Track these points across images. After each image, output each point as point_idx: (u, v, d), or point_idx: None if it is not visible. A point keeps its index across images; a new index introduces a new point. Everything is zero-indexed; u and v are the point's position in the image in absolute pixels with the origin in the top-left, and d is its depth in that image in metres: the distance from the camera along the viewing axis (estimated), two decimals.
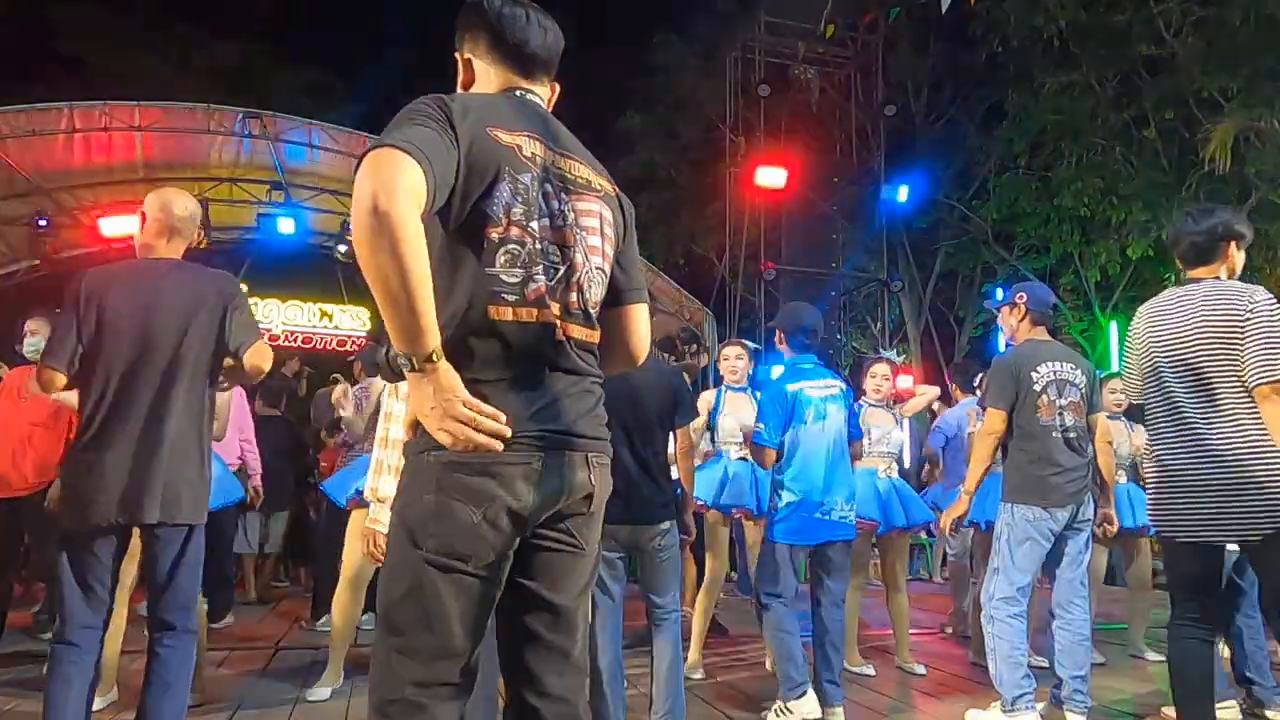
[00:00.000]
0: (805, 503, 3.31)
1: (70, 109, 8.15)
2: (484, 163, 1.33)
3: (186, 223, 2.55)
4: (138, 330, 2.37)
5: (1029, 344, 3.45)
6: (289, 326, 12.11)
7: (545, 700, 1.42)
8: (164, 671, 2.36)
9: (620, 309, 1.59)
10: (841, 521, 3.37)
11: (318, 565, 5.44)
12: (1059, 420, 3.30)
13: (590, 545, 1.48)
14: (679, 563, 3.07)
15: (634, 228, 1.64)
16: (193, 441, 2.41)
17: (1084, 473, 3.32)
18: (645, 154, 15.40)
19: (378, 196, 1.13)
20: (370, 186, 1.14)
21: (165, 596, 2.39)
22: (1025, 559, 3.26)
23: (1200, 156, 9.46)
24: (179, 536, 2.38)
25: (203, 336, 2.43)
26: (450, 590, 1.30)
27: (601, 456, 1.45)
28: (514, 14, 1.52)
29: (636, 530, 2.87)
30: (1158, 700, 3.73)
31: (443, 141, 1.26)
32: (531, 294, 1.36)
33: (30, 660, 3.86)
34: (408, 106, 1.31)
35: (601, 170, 1.57)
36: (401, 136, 1.21)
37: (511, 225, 1.35)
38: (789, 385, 3.40)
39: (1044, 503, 3.24)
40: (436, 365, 1.21)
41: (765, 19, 11.75)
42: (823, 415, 3.39)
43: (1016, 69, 11.63)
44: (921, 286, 14.21)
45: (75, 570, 2.30)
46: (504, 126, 1.38)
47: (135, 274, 2.47)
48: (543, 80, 1.58)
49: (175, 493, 2.34)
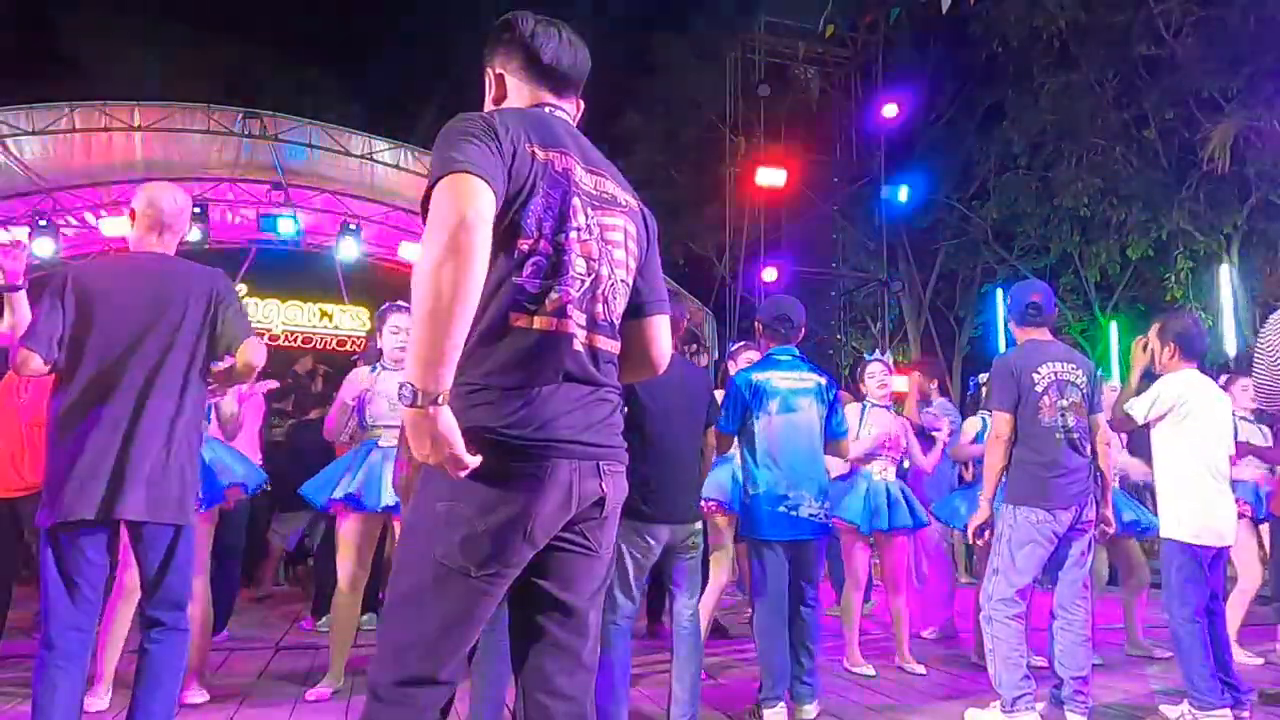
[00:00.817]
0: (769, 495, 3.25)
1: (70, 109, 8.17)
2: (521, 177, 1.38)
3: (176, 218, 2.52)
4: (123, 325, 2.32)
5: (1029, 344, 3.43)
6: (289, 326, 12.12)
7: (554, 699, 1.45)
8: (153, 667, 2.32)
9: (643, 320, 1.62)
10: (810, 519, 3.29)
11: (318, 566, 5.44)
12: (1061, 421, 3.28)
13: (604, 548, 1.51)
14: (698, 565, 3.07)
15: (656, 240, 1.67)
16: (179, 439, 2.35)
17: (1086, 474, 3.31)
18: (645, 154, 15.40)
19: (465, 215, 1.22)
20: (457, 207, 1.23)
21: (154, 596, 2.35)
22: (1026, 561, 3.25)
23: (1200, 156, 9.47)
24: (165, 536, 2.33)
25: (191, 333, 2.38)
26: (454, 593, 1.34)
27: (614, 464, 1.47)
28: (547, 33, 1.56)
29: (676, 530, 2.87)
30: (1157, 700, 3.73)
31: (500, 164, 1.33)
32: (551, 304, 1.39)
33: (30, 660, 3.86)
34: (458, 124, 1.36)
35: (626, 185, 1.61)
36: (470, 160, 1.27)
37: (541, 238, 1.39)
38: (755, 375, 3.36)
39: (1047, 505, 3.22)
40: (439, 410, 1.23)
41: (765, 19, 11.76)
42: (790, 407, 3.32)
43: (1016, 69, 11.63)
44: (921, 286, 14.22)
45: (59, 566, 2.25)
46: (539, 142, 1.42)
47: (123, 268, 2.44)
48: (571, 98, 1.63)
49: (159, 490, 2.28)
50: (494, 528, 1.33)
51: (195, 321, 2.39)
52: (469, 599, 1.35)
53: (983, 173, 13.21)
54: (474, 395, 1.36)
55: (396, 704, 1.34)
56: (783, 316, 3.47)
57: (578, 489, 1.39)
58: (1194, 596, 3.35)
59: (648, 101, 15.63)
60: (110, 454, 2.24)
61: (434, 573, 1.34)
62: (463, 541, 1.33)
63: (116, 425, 2.26)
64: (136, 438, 2.27)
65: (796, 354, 3.49)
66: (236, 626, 4.79)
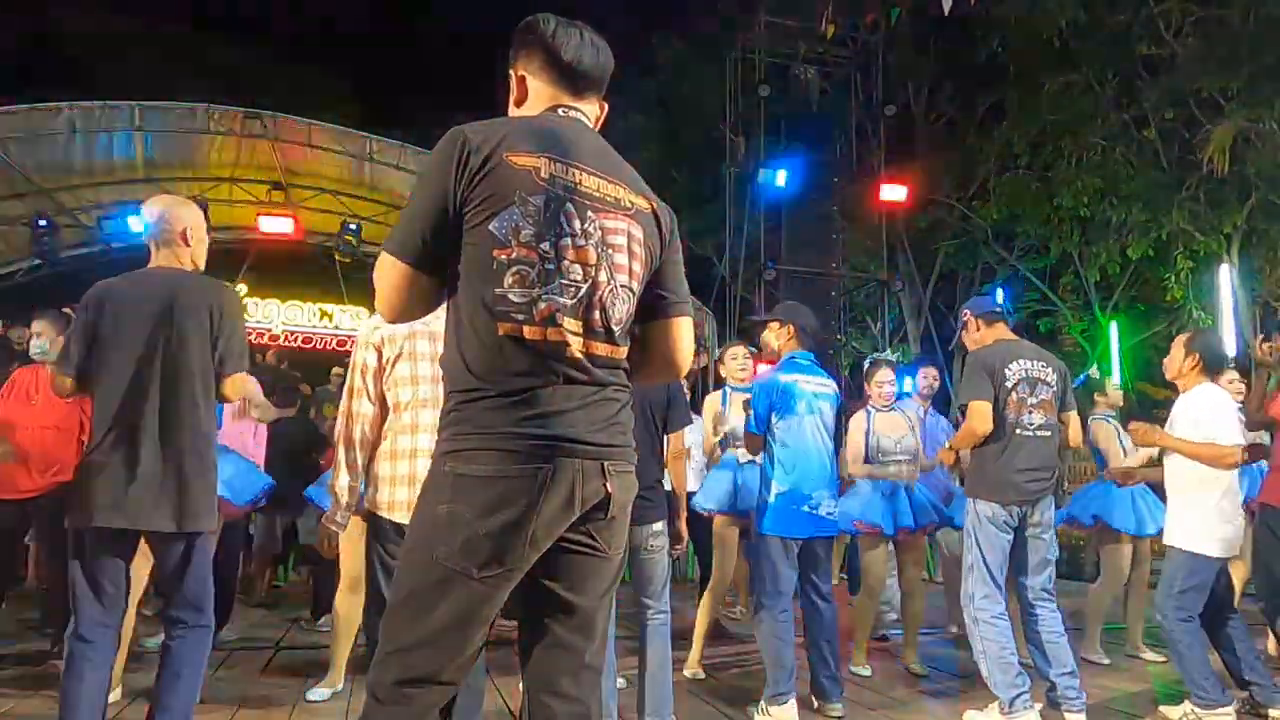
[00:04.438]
0: (794, 494, 3.32)
1: (70, 109, 8.17)
2: (497, 189, 1.38)
3: (179, 233, 2.61)
4: (146, 340, 2.44)
5: (999, 343, 3.52)
6: (289, 326, 12.12)
7: (558, 700, 1.45)
8: (174, 662, 2.45)
9: (662, 322, 1.59)
10: (828, 518, 3.40)
11: (316, 566, 5.43)
12: (1028, 418, 3.34)
13: (614, 549, 1.50)
14: (667, 565, 3.11)
15: (677, 240, 1.64)
16: (201, 449, 2.47)
17: (1049, 474, 3.37)
18: (645, 154, 15.38)
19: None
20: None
21: (175, 598, 2.49)
22: (994, 554, 3.33)
23: (1200, 157, 9.47)
24: (186, 542, 2.46)
25: (202, 347, 2.50)
26: (456, 595, 1.34)
27: (621, 464, 1.46)
28: (568, 33, 1.55)
29: (632, 532, 2.88)
30: (1156, 699, 3.73)
31: (431, 209, 1.40)
32: (540, 313, 1.38)
33: (30, 660, 3.87)
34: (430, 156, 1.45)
35: (639, 187, 1.57)
36: (396, 237, 1.42)
37: (520, 246, 1.38)
38: (782, 377, 3.42)
39: (1001, 499, 3.32)
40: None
41: (765, 19, 11.73)
42: (815, 410, 3.41)
43: (1016, 69, 11.63)
44: (921, 286, 14.20)
45: (86, 571, 2.39)
46: (524, 150, 1.42)
47: (139, 285, 2.54)
48: (591, 98, 1.61)
49: (184, 500, 2.41)
50: (495, 530, 1.33)
51: (204, 335, 2.51)
52: (471, 600, 1.35)
53: (983, 173, 13.21)
54: (470, 402, 1.36)
55: (396, 704, 1.34)
56: (813, 324, 3.60)
57: (581, 490, 1.38)
58: (1194, 604, 3.36)
59: (648, 101, 15.62)
60: (138, 467, 2.38)
61: (436, 574, 1.34)
62: (464, 544, 1.33)
63: (143, 438, 2.40)
64: (163, 450, 2.41)
65: (814, 358, 3.56)
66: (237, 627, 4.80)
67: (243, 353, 2.61)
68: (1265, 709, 3.44)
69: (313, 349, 11.87)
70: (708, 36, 14.01)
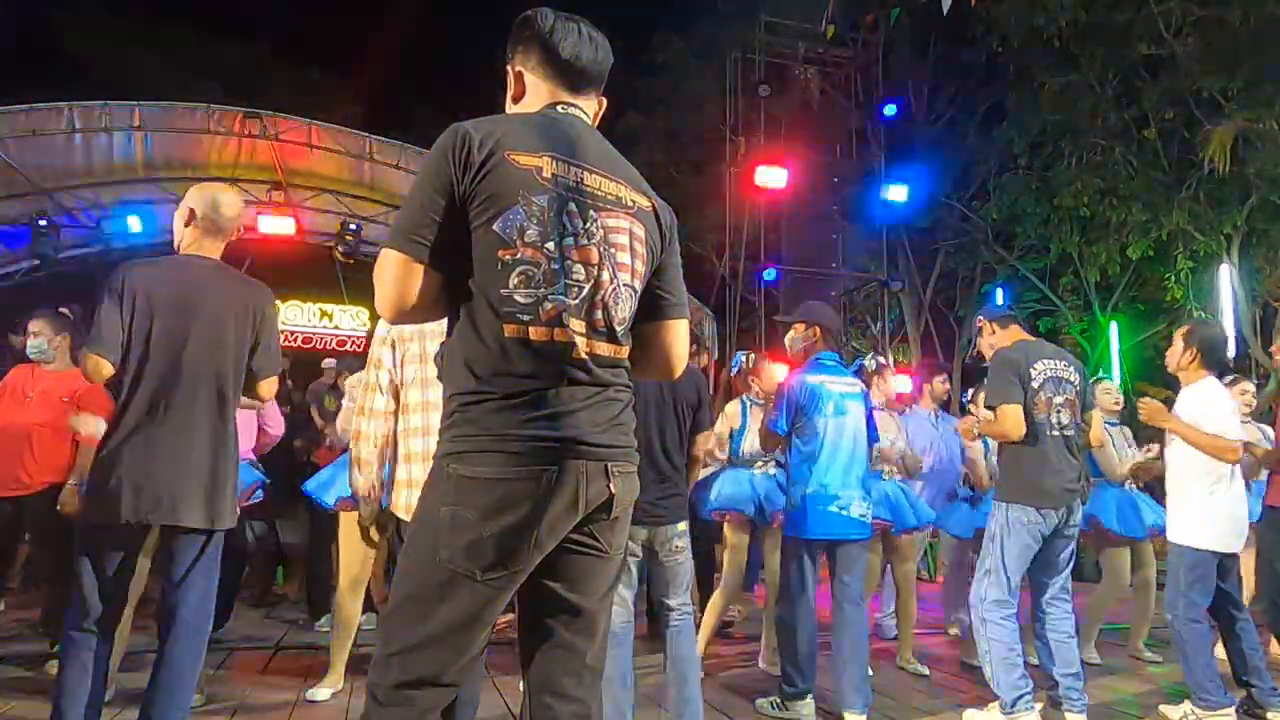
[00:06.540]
0: (822, 495, 3.29)
1: (70, 109, 8.15)
2: (500, 189, 1.37)
3: (232, 222, 2.54)
4: (178, 331, 2.36)
5: (1021, 343, 3.46)
6: (289, 326, 12.11)
7: (560, 700, 1.45)
8: (171, 668, 2.37)
9: (658, 323, 1.59)
10: (860, 520, 3.35)
11: (308, 566, 5.43)
12: (1056, 419, 3.30)
13: (614, 549, 1.49)
14: (690, 566, 3.06)
15: (675, 239, 1.63)
16: (223, 447, 2.42)
17: (1078, 475, 3.31)
18: (645, 154, 15.36)
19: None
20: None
21: (179, 593, 2.41)
22: (1017, 561, 3.26)
23: (1200, 157, 9.46)
24: (201, 539, 2.41)
25: (238, 345, 2.45)
26: (460, 596, 1.34)
27: (624, 465, 1.45)
28: (566, 29, 1.54)
29: (655, 531, 2.87)
30: (1157, 700, 3.73)
31: (433, 203, 1.37)
32: (546, 314, 1.37)
33: (30, 660, 3.86)
34: (424, 162, 1.41)
35: (640, 185, 1.57)
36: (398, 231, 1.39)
37: (525, 247, 1.37)
38: (809, 377, 3.41)
39: (1038, 504, 3.24)
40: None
41: (765, 19, 11.72)
42: (843, 410, 3.39)
43: (1016, 69, 11.62)
44: (921, 286, 14.18)
45: (94, 563, 2.32)
46: (526, 149, 1.40)
47: (178, 273, 2.45)
48: (590, 95, 1.60)
49: (205, 496, 2.35)
50: (500, 532, 1.32)
51: (241, 334, 2.45)
52: (474, 602, 1.34)
53: (983, 173, 13.19)
54: (474, 404, 1.35)
55: (397, 706, 1.34)
56: (837, 325, 3.58)
57: (585, 491, 1.38)
58: (1200, 600, 3.36)
59: (648, 101, 15.60)
60: (160, 460, 2.30)
61: (439, 576, 1.34)
62: (468, 546, 1.32)
63: (167, 432, 2.31)
64: (186, 445, 2.34)
65: (838, 358, 3.54)
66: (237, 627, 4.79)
67: (279, 355, 2.60)
68: (1263, 710, 3.44)
69: (313, 349, 11.85)
70: (708, 36, 14.01)
